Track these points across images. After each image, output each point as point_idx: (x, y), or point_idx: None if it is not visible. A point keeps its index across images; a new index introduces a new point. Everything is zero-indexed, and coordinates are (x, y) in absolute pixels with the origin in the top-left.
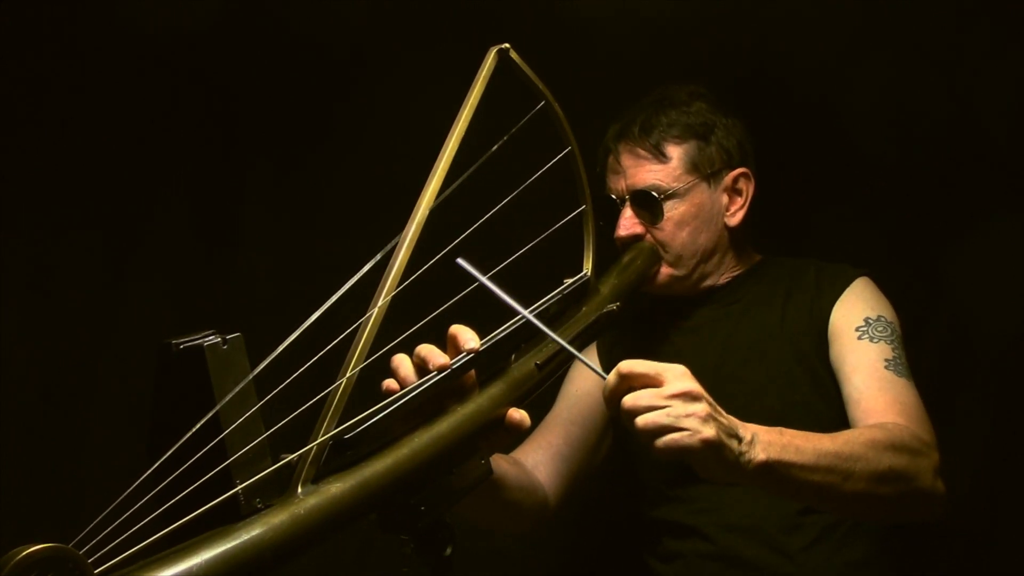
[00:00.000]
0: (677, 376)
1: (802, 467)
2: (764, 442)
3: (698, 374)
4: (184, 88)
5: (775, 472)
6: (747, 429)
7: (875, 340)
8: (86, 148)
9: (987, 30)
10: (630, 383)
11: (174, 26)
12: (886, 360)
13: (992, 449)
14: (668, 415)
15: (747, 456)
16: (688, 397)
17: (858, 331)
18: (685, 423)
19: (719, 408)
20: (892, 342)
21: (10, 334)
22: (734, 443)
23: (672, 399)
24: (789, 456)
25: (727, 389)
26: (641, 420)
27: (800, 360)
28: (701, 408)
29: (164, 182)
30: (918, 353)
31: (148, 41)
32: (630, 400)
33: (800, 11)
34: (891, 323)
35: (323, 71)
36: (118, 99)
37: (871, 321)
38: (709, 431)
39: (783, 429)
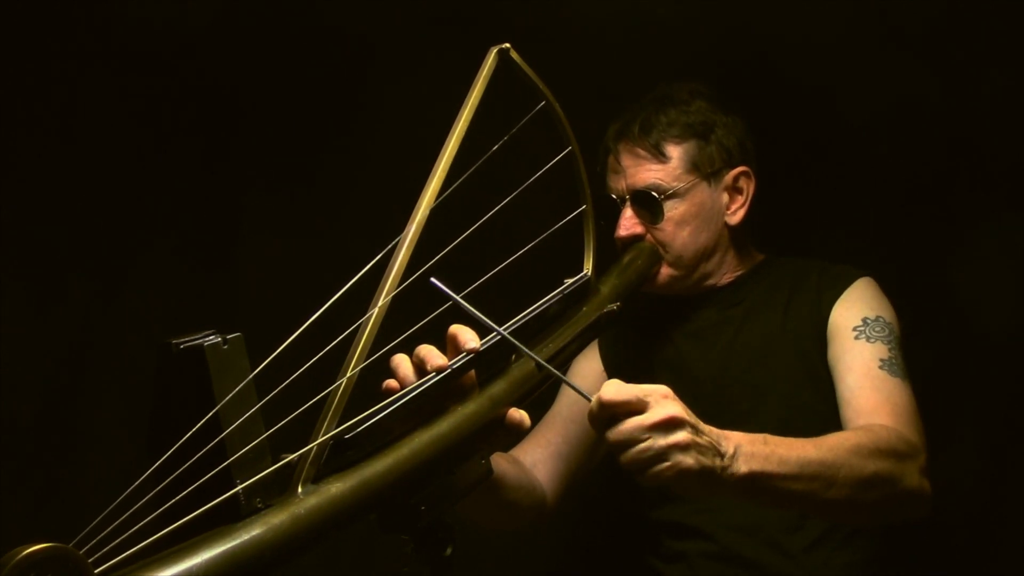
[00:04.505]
0: (659, 401)
1: (784, 477)
2: (747, 454)
3: (702, 379)
4: (181, 94)
5: (757, 484)
6: (730, 442)
7: (872, 340)
8: (84, 153)
9: (987, 30)
10: (613, 411)
11: (170, 33)
12: (881, 360)
13: (992, 449)
14: (649, 448)
15: (729, 470)
16: (668, 426)
17: (855, 331)
18: (666, 456)
19: (700, 428)
20: (889, 342)
21: (10, 333)
22: (716, 461)
23: (652, 430)
24: (772, 467)
25: (731, 393)
26: (624, 457)
27: (803, 363)
28: (681, 436)
29: (164, 181)
30: (918, 353)
31: (144, 48)
32: (613, 435)
33: (801, 11)
34: (889, 323)
35: (322, 71)
36: (116, 105)
37: (869, 321)
38: (688, 461)
39: (768, 437)
